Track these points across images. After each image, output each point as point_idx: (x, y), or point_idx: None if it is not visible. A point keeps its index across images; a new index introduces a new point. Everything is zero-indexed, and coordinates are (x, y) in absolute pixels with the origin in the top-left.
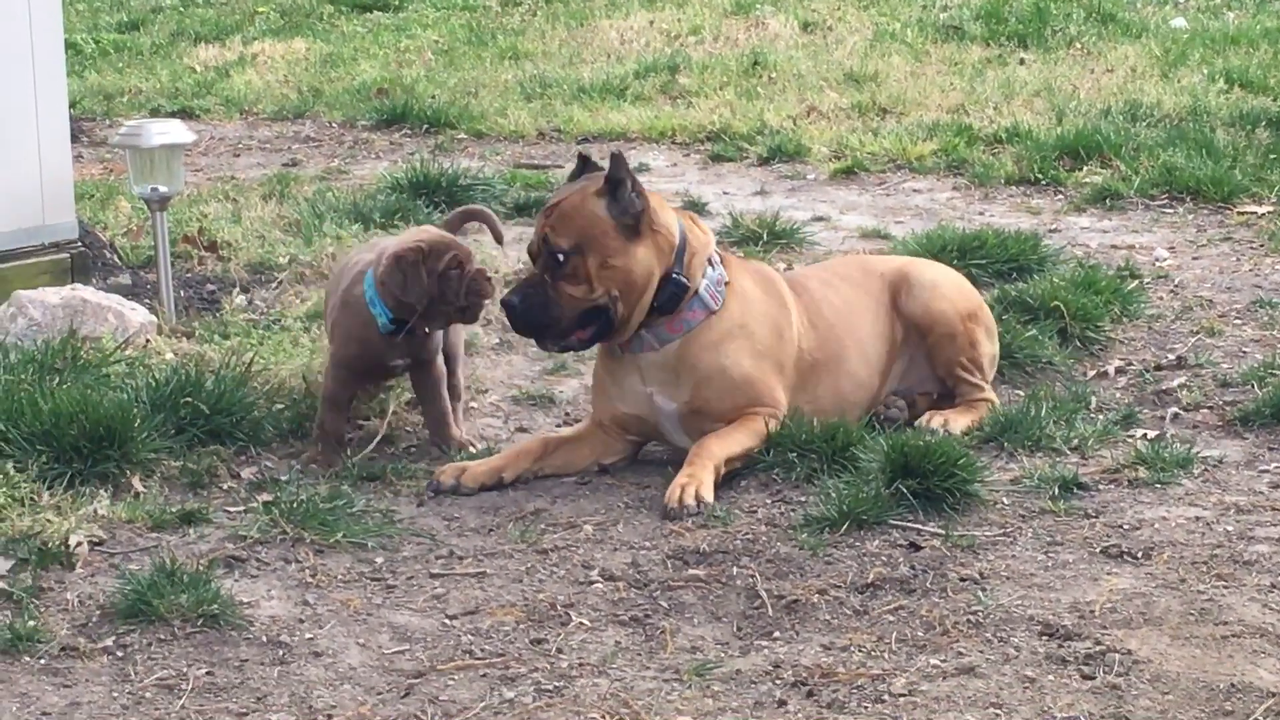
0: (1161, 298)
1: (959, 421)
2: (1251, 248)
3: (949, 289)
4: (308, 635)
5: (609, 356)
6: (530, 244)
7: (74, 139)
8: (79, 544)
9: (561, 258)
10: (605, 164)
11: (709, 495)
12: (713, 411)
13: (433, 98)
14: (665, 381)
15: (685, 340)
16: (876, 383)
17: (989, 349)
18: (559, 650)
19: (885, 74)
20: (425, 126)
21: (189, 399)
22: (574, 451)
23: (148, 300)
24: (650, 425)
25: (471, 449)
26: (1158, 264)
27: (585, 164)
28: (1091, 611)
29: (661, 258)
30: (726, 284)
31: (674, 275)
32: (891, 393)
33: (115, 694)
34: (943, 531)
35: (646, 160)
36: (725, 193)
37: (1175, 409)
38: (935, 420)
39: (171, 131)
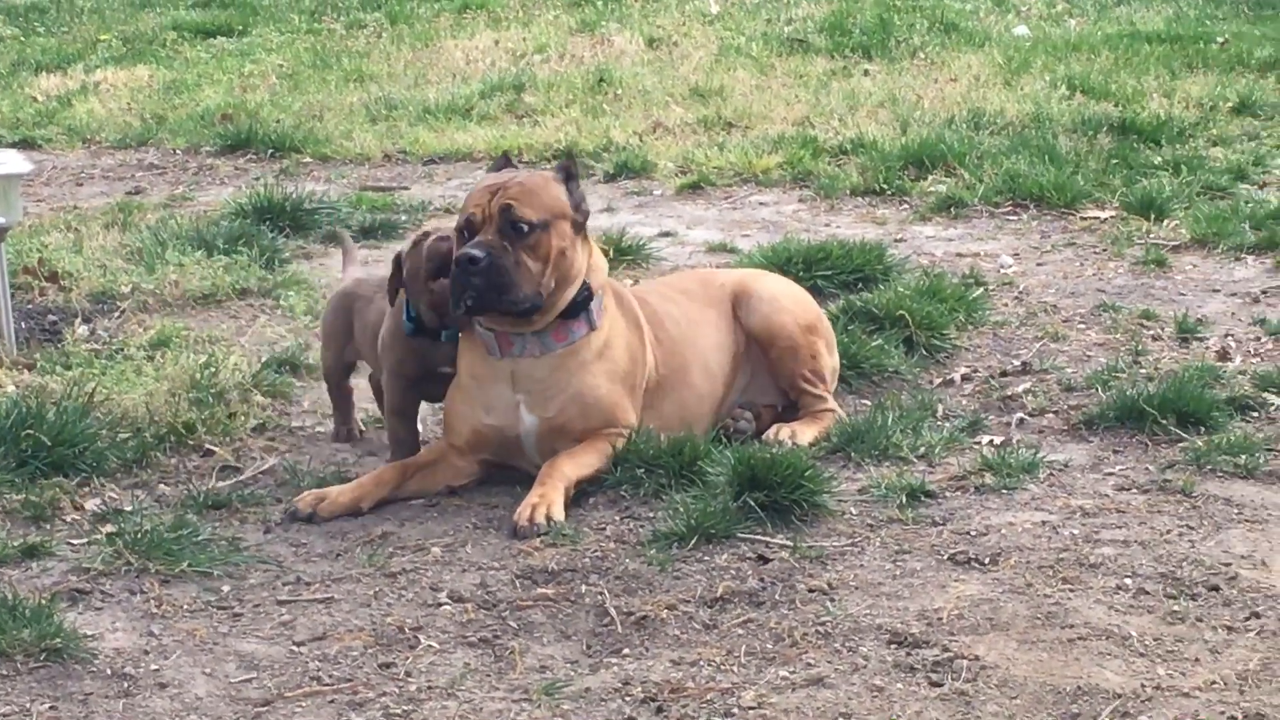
0: (1006, 304)
1: (806, 433)
2: (1095, 252)
3: (789, 302)
4: (153, 666)
5: (480, 364)
6: (471, 215)
7: None
8: None
9: (527, 228)
10: (522, 165)
11: (559, 514)
12: (571, 430)
13: (277, 122)
14: (535, 392)
15: (564, 353)
16: (720, 395)
17: (830, 361)
18: (407, 674)
19: (730, 88)
20: (270, 151)
21: (30, 431)
22: (429, 477)
23: None
24: (509, 440)
25: None
26: (1002, 271)
27: (506, 160)
28: (939, 619)
29: (586, 264)
30: (603, 309)
31: (586, 281)
32: (737, 405)
33: None
34: (791, 543)
35: None
36: None
37: (1021, 414)
38: (782, 432)
39: (7, 162)
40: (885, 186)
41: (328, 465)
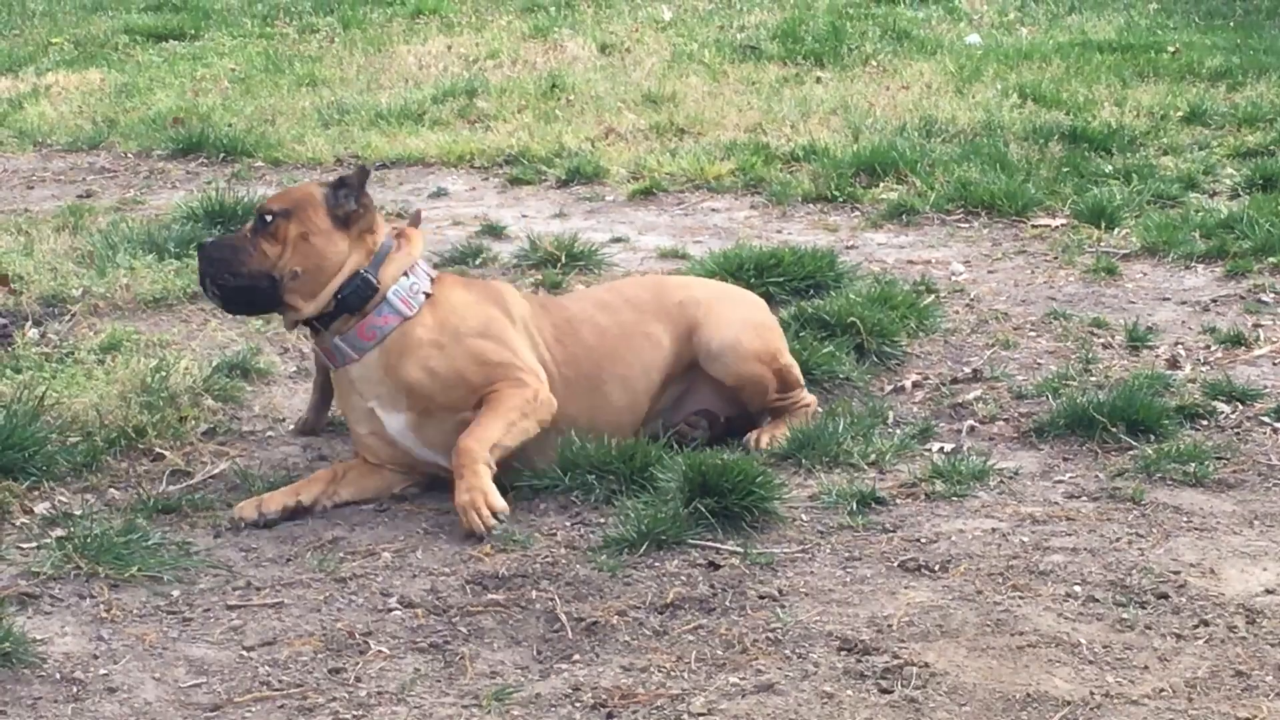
0: (957, 312)
1: (782, 431)
2: (1045, 260)
3: (750, 342)
4: (102, 671)
5: (337, 381)
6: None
7: None
8: None
9: (269, 219)
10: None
11: (499, 502)
12: (448, 406)
13: (229, 126)
14: (379, 395)
15: (383, 350)
16: (642, 407)
17: (792, 363)
18: (357, 679)
19: (683, 94)
20: (222, 155)
21: None
22: (364, 478)
23: None
24: (390, 444)
25: None
26: (953, 278)
27: (364, 172)
28: (889, 625)
29: (359, 256)
30: (427, 295)
31: (362, 273)
32: (693, 413)
33: None
34: (741, 549)
35: (445, 184)
36: (524, 215)
37: (971, 422)
38: (763, 439)
39: None
40: (837, 193)
41: (278, 470)
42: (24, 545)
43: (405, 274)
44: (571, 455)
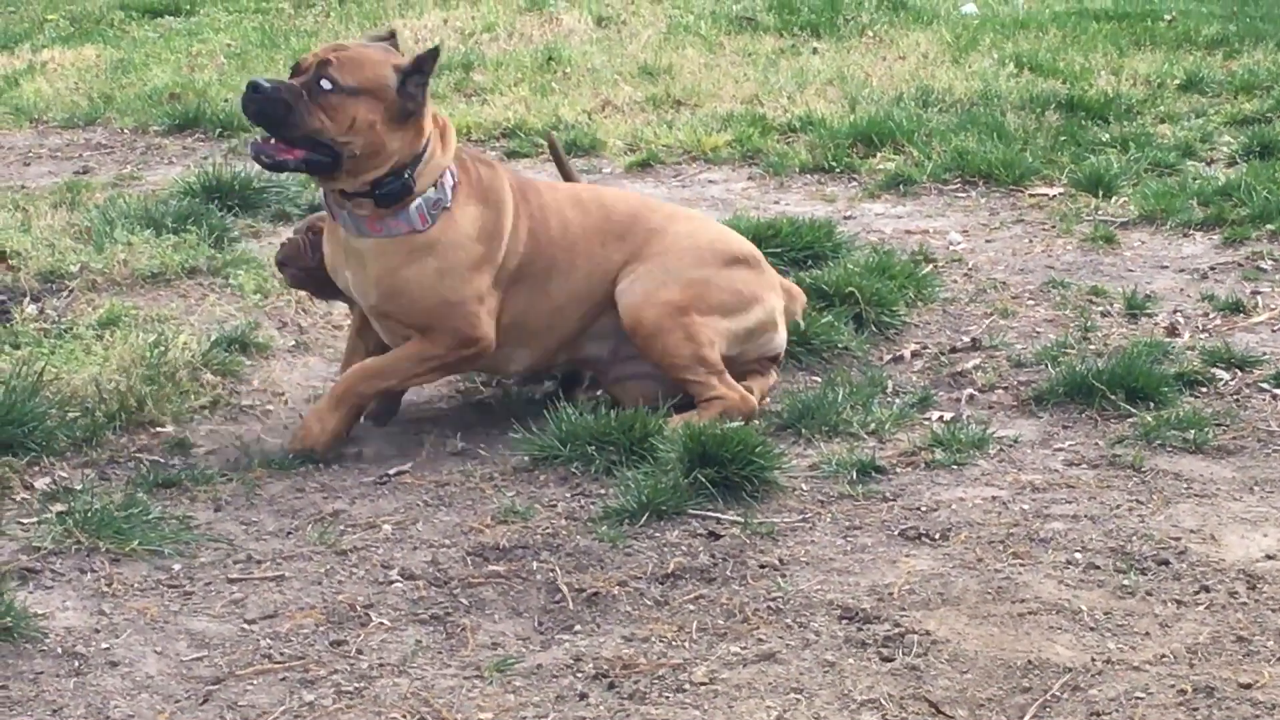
0: (955, 281)
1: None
2: (1043, 229)
3: (665, 285)
4: (104, 645)
5: (333, 226)
6: (302, 59)
7: None
8: None
9: (329, 87)
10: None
11: (321, 442)
12: (404, 320)
13: (226, 101)
14: (356, 274)
15: (377, 246)
16: (572, 319)
17: (715, 344)
18: (359, 651)
19: (679, 66)
20: (218, 130)
21: None
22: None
23: None
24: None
25: None
26: (951, 248)
27: (392, 36)
28: (890, 594)
29: (406, 152)
30: (446, 209)
31: (405, 174)
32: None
33: None
34: (742, 519)
35: None
36: None
37: (970, 390)
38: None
39: None
40: (834, 164)
41: (278, 442)
42: (24, 520)
43: (435, 184)
44: (571, 426)
